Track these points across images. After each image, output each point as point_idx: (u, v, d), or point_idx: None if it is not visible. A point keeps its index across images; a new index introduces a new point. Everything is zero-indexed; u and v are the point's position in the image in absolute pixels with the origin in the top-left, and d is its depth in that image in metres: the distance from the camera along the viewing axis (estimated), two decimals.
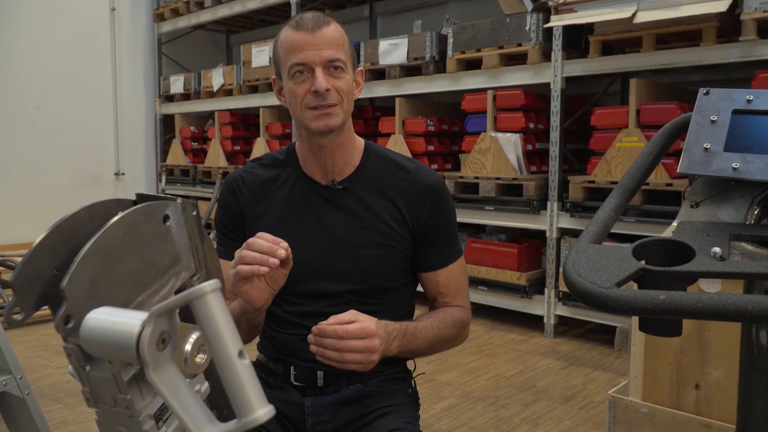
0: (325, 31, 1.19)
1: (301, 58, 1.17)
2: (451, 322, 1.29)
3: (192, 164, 6.20)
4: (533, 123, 3.87)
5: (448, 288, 1.32)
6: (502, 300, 3.92)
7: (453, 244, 1.33)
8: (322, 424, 1.25)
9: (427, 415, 2.59)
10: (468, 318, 1.34)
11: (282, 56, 1.21)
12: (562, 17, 3.36)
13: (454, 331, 1.30)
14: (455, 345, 1.35)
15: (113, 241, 0.63)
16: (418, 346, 1.23)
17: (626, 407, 1.85)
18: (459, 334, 1.32)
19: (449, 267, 1.31)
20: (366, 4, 5.68)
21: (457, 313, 1.31)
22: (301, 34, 1.18)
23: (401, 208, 1.26)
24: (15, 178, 5.71)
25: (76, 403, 2.69)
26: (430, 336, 1.24)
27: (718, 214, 0.93)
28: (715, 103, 0.98)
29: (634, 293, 0.69)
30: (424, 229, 1.28)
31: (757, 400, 0.91)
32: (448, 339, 1.30)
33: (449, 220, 1.33)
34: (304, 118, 1.21)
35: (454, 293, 1.33)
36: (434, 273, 1.31)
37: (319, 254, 1.26)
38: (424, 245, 1.30)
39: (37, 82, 5.80)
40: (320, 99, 1.18)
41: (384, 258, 1.26)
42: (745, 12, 2.85)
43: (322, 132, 1.20)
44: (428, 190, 1.28)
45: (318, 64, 1.17)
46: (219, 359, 0.55)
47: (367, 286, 1.26)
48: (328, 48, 1.18)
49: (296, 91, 1.20)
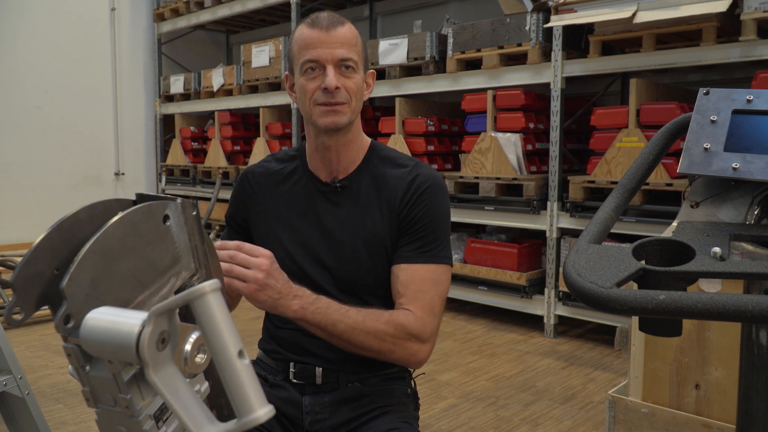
0: (340, 30, 1.20)
1: (313, 55, 1.19)
2: (386, 319, 1.16)
3: (192, 164, 6.20)
4: (533, 123, 3.87)
5: (406, 288, 1.21)
6: (502, 300, 3.92)
7: (431, 245, 1.23)
8: (320, 423, 1.26)
9: (427, 415, 2.59)
10: (417, 329, 1.17)
11: (296, 52, 1.23)
12: (562, 17, 3.36)
13: (386, 329, 1.15)
14: (394, 353, 1.17)
15: (113, 241, 0.63)
16: (332, 321, 1.12)
17: (626, 407, 1.85)
18: (395, 338, 1.16)
19: (415, 266, 1.22)
20: (366, 4, 5.69)
21: (400, 315, 1.17)
22: (316, 32, 1.20)
23: (393, 204, 1.26)
24: (15, 178, 5.71)
25: (76, 403, 2.69)
26: (350, 318, 1.14)
27: (718, 214, 0.93)
28: (715, 103, 0.98)
29: (634, 293, 0.69)
30: (404, 221, 1.25)
31: (757, 400, 0.91)
32: (376, 333, 1.15)
33: (432, 217, 1.24)
34: (313, 113, 1.22)
35: (411, 297, 1.20)
36: (397, 267, 1.23)
37: (311, 249, 1.28)
38: (402, 237, 1.25)
39: (38, 82, 5.80)
40: (329, 96, 1.20)
41: (369, 256, 1.25)
42: (745, 12, 2.85)
43: (329, 128, 1.22)
44: (418, 183, 1.26)
45: (330, 62, 1.19)
46: (219, 359, 0.55)
47: (352, 283, 1.26)
48: (341, 47, 1.20)
49: (306, 87, 1.21)
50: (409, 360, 1.19)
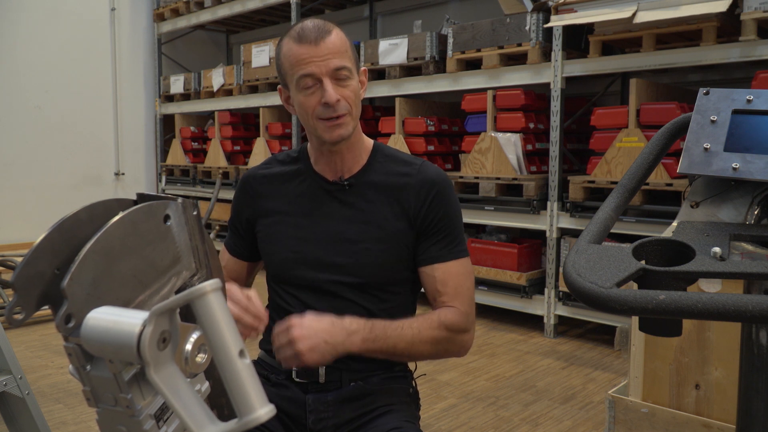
0: (328, 41, 1.20)
1: (307, 70, 1.19)
2: (437, 323, 1.22)
3: (192, 164, 6.20)
4: (533, 123, 3.87)
5: (445, 286, 1.27)
6: (502, 300, 3.92)
7: (455, 242, 1.29)
8: (323, 422, 1.26)
9: (427, 415, 2.59)
10: (464, 323, 1.25)
11: (287, 69, 1.23)
12: (562, 17, 3.36)
13: (441, 333, 1.22)
14: (449, 351, 1.26)
15: (114, 240, 0.63)
16: (393, 344, 1.18)
17: (626, 407, 1.85)
18: (449, 338, 1.24)
19: (448, 264, 1.27)
20: (366, 4, 5.68)
21: (447, 314, 1.24)
22: (305, 47, 1.19)
23: (403, 202, 1.28)
24: (15, 178, 5.71)
25: (76, 403, 2.69)
26: (407, 335, 1.19)
27: (718, 214, 0.93)
28: (715, 103, 0.98)
29: (634, 293, 0.69)
30: (424, 222, 1.28)
31: (757, 400, 0.91)
32: (433, 340, 1.22)
33: (450, 216, 1.29)
34: (317, 128, 1.23)
35: (452, 293, 1.26)
36: (431, 267, 1.27)
37: (320, 248, 1.28)
38: (424, 238, 1.28)
39: (38, 82, 5.80)
40: (331, 111, 1.20)
41: (382, 253, 1.26)
42: (745, 12, 2.85)
43: (335, 141, 1.23)
44: (430, 183, 1.28)
45: (325, 75, 1.19)
46: (220, 359, 0.55)
47: (364, 280, 1.27)
48: (333, 57, 1.19)
49: (306, 104, 1.22)
50: (459, 352, 1.27)
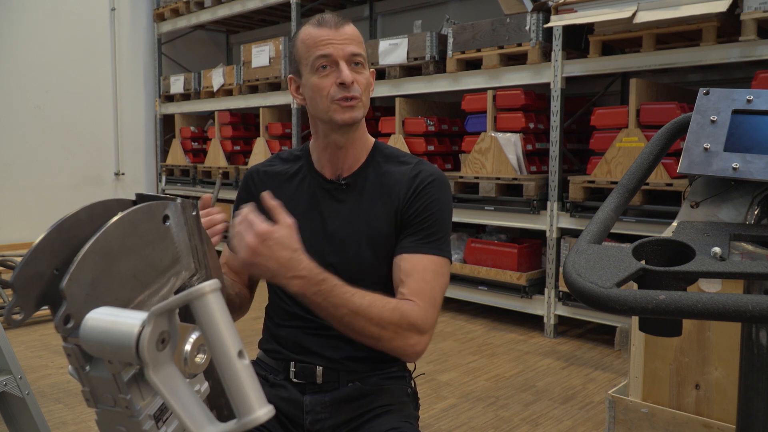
0: (347, 28, 1.24)
1: (325, 51, 1.21)
2: (393, 307, 1.13)
3: (192, 164, 6.20)
4: (533, 123, 3.87)
5: (408, 277, 1.19)
6: (502, 300, 3.92)
7: (432, 237, 1.23)
8: (320, 422, 1.26)
9: (427, 415, 2.59)
10: (421, 321, 1.15)
11: (303, 52, 1.25)
12: (562, 17, 3.36)
13: (392, 317, 1.12)
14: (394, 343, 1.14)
15: (113, 241, 0.63)
16: (334, 304, 1.09)
17: (626, 407, 1.85)
18: (399, 327, 1.13)
19: (418, 256, 1.21)
20: (366, 4, 5.69)
21: (404, 304, 1.15)
22: (325, 30, 1.23)
23: (395, 199, 1.27)
24: (15, 178, 5.71)
25: (76, 403, 2.69)
26: (355, 302, 1.10)
27: (718, 214, 0.93)
28: (715, 103, 0.98)
29: (634, 293, 0.69)
30: (405, 214, 1.25)
31: (757, 400, 0.91)
32: (380, 321, 1.11)
33: (434, 211, 1.24)
34: (330, 110, 1.23)
35: (415, 287, 1.17)
36: (399, 257, 1.22)
37: (315, 246, 1.27)
38: (403, 230, 1.25)
39: (38, 82, 5.80)
40: (346, 91, 1.21)
41: (372, 253, 1.26)
42: (745, 12, 2.85)
43: (347, 123, 1.23)
44: (420, 179, 1.27)
45: (342, 58, 1.22)
46: (219, 359, 0.55)
47: (353, 280, 1.25)
48: (350, 44, 1.23)
49: (321, 85, 1.23)
50: (406, 350, 1.15)
